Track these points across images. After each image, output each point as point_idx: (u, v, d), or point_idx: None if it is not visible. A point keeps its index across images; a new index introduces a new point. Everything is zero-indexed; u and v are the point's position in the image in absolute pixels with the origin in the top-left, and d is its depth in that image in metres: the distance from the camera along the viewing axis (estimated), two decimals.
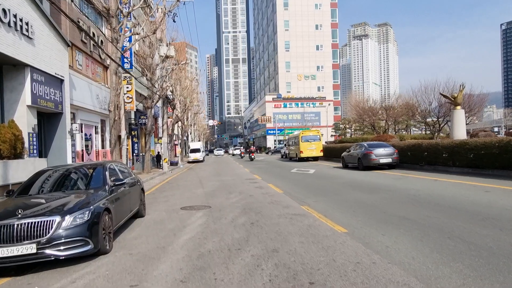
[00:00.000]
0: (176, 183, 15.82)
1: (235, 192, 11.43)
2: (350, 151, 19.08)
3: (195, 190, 12.84)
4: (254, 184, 13.77)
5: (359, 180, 13.11)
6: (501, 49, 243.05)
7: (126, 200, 6.76)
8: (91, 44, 19.15)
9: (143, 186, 8.69)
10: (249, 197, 10.19)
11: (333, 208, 7.65)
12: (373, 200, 8.40)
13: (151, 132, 21.99)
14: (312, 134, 29.33)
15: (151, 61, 21.13)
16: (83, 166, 6.77)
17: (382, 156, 16.41)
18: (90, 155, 19.43)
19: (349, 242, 5.01)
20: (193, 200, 10.15)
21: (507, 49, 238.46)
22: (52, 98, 13.35)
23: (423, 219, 6.14)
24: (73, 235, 4.60)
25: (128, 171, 8.14)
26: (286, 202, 8.95)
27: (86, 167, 6.69)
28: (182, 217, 7.71)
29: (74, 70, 16.99)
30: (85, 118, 18.53)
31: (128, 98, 22.59)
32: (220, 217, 7.37)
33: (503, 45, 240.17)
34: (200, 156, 38.94)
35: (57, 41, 13.91)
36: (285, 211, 7.62)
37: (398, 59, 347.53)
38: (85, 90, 17.94)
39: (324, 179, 14.21)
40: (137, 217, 7.87)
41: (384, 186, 10.82)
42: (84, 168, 6.66)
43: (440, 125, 34.64)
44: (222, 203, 9.26)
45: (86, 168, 6.65)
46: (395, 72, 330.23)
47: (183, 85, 32.13)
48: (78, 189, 6.05)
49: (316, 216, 6.90)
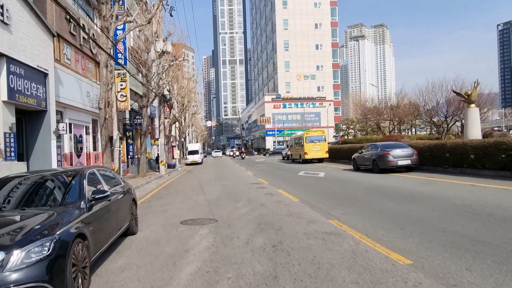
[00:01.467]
0: (175, 189, 14.30)
1: (242, 200, 9.93)
2: (362, 152, 17.65)
3: (196, 197, 11.33)
4: (262, 189, 12.27)
5: (381, 185, 11.65)
6: (498, 50, 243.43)
7: (112, 217, 5.25)
8: (81, 37, 17.60)
9: (135, 196, 7.17)
10: (261, 206, 8.70)
11: (372, 224, 6.17)
12: (415, 212, 6.92)
13: (147, 133, 20.45)
14: (317, 134, 27.88)
15: (146, 56, 19.60)
16: (56, 173, 5.23)
17: (400, 157, 14.98)
18: (80, 158, 17.87)
19: (427, 284, 3.52)
20: (195, 211, 8.64)
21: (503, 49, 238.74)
22: (34, 93, 11.79)
23: (506, 242, 4.67)
24: (25, 279, 3.08)
25: (116, 178, 6.63)
26: (307, 214, 7.46)
27: (58, 175, 5.14)
28: (182, 235, 6.21)
29: (62, 65, 15.44)
30: (74, 117, 16.96)
31: (122, 97, 21.02)
32: (231, 236, 5.88)
33: (500, 46, 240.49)
34: (198, 158, 37.44)
35: (40, 30, 12.36)
36: (311, 228, 6.13)
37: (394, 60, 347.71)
38: (74, 86, 16.39)
39: (340, 184, 12.74)
40: (127, 235, 6.37)
41: (416, 193, 9.36)
42: (56, 176, 5.12)
43: (448, 125, 33.34)
44: (230, 215, 7.76)
45: (58, 176, 5.11)
46: (391, 73, 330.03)
47: (180, 84, 30.57)
48: (44, 205, 4.51)
49: (356, 237, 5.41)
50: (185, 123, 41.18)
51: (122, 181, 6.79)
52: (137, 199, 7.46)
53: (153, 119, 32.18)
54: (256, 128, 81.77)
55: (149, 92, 19.67)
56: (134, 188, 13.43)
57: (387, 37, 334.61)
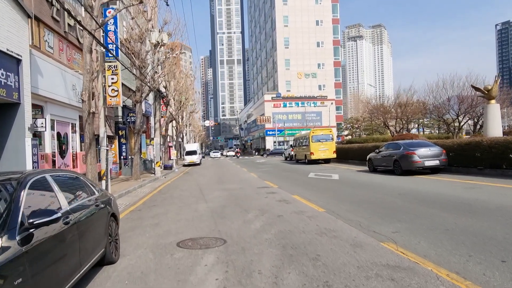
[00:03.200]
0: (170, 194, 12.46)
1: (253, 209, 8.13)
2: (379, 152, 15.89)
3: (195, 205, 9.51)
4: (273, 195, 10.47)
5: (415, 189, 9.86)
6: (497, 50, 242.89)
7: (71, 248, 3.43)
8: (65, 23, 15.75)
9: (115, 210, 5.34)
10: (279, 219, 6.89)
11: (449, 251, 4.36)
12: (493, 231, 5.14)
13: (140, 131, 18.60)
14: (324, 133, 26.09)
15: (140, 47, 17.76)
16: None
17: (428, 157, 13.21)
18: (65, 159, 15.99)
19: None
20: (196, 225, 6.83)
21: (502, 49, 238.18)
22: (2, 83, 9.94)
23: None
24: None
25: (88, 186, 4.81)
26: (346, 232, 5.66)
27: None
28: (180, 266, 4.41)
29: (42, 53, 13.57)
30: (57, 113, 15.07)
31: (113, 91, 19.12)
32: (249, 269, 4.08)
33: (498, 46, 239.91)
34: (196, 159, 35.62)
35: (11, 8, 10.49)
36: (363, 257, 4.33)
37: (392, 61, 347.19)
38: (58, 78, 14.51)
39: (364, 188, 10.94)
40: (103, 264, 4.56)
41: (470, 201, 7.57)
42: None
43: (460, 123, 31.64)
44: (242, 232, 5.96)
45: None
46: (389, 74, 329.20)
47: (177, 78, 28.69)
48: None
49: (442, 276, 3.60)
50: (182, 122, 39.31)
51: (97, 191, 4.96)
52: (118, 214, 5.64)
53: (149, 118, 30.28)
54: (256, 128, 79.83)
55: (143, 86, 17.83)
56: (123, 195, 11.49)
57: (384, 37, 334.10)
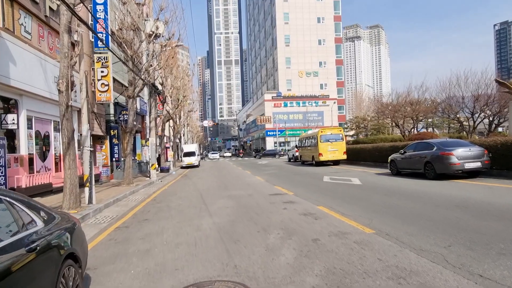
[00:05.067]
0: (167, 204, 10.50)
1: (274, 229, 6.19)
2: (404, 153, 14.00)
3: (198, 220, 7.57)
4: (292, 205, 8.54)
5: (475, 200, 7.94)
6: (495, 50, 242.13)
7: None
8: (46, 6, 13.80)
9: (75, 248, 3.36)
10: (317, 247, 4.95)
11: None
12: None
13: (133, 130, 16.61)
14: (333, 133, 24.16)
15: (132, 35, 15.81)
16: None
17: (468, 159, 11.32)
18: (46, 162, 14.00)
19: None
20: (200, 255, 4.89)
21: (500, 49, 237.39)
22: None
23: None
24: None
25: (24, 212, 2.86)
26: (430, 273, 3.72)
27: None
28: None
29: (17, 38, 11.61)
30: (36, 109, 13.10)
31: (103, 86, 17.18)
32: None
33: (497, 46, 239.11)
34: (195, 161, 33.68)
35: None
36: None
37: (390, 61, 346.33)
38: (36, 68, 12.56)
39: (402, 197, 9.00)
40: None
41: None
42: None
43: (475, 122, 29.87)
44: (269, 272, 4.03)
45: None
46: (387, 74, 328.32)
47: (175, 74, 26.69)
48: None
49: None
50: (180, 122, 37.32)
51: (42, 221, 3.01)
52: (86, 249, 3.68)
53: (144, 117, 28.28)
54: (255, 128, 77.74)
55: (136, 80, 15.86)
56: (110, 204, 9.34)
57: (382, 38, 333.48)
